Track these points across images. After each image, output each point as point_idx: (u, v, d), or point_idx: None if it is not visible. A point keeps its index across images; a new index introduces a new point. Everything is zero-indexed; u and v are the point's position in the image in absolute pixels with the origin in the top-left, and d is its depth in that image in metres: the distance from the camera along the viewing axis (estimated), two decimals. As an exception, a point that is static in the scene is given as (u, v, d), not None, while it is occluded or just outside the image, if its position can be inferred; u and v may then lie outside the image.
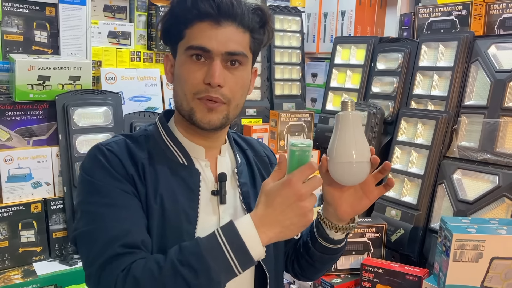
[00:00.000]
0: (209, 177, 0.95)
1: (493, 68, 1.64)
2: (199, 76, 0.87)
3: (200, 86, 0.87)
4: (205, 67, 0.87)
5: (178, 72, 0.90)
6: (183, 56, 0.89)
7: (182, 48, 0.89)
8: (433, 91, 1.84)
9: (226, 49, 0.87)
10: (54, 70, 1.76)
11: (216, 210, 0.93)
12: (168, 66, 0.95)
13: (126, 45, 2.11)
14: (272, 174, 0.81)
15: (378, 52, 2.11)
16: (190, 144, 0.95)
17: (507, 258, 1.22)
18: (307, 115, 2.27)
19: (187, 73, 0.87)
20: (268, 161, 1.10)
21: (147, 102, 2.05)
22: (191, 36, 0.87)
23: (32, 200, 1.71)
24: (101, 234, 0.81)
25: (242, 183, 0.99)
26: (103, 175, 0.86)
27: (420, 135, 1.81)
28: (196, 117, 0.88)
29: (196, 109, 0.88)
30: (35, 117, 1.78)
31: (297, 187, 0.77)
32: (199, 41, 0.86)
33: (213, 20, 0.86)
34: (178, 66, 0.90)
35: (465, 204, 1.57)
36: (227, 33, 0.87)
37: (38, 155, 1.74)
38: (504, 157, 1.55)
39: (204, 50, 0.86)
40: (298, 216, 0.77)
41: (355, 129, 0.87)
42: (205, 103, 0.87)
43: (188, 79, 0.87)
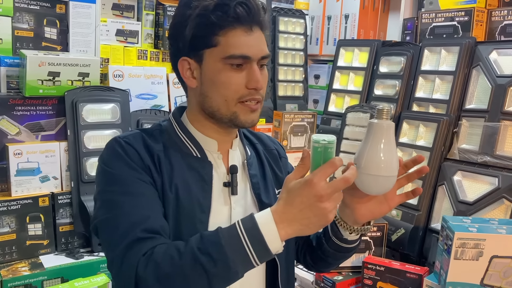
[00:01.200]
0: (221, 169, 0.99)
1: (494, 73, 1.68)
2: (241, 82, 0.90)
3: (243, 91, 0.91)
4: (243, 72, 0.90)
5: (214, 79, 0.91)
6: (219, 64, 0.90)
7: (217, 56, 0.90)
8: (435, 95, 1.88)
9: (262, 54, 0.92)
10: (64, 66, 1.79)
11: (227, 200, 0.97)
12: (185, 70, 0.95)
13: (133, 43, 2.14)
14: (295, 170, 0.82)
15: (381, 56, 2.15)
16: (203, 138, 0.98)
17: (507, 257, 1.26)
18: (310, 116, 2.30)
19: (229, 80, 0.90)
20: (277, 154, 1.13)
21: (154, 100, 2.08)
22: (227, 44, 0.89)
23: (40, 194, 1.74)
24: (121, 220, 0.84)
25: (252, 174, 1.02)
26: (121, 165, 0.89)
27: (421, 138, 1.85)
28: (240, 119, 0.92)
29: (239, 113, 0.92)
30: (44, 112, 1.80)
31: (318, 188, 0.77)
32: (239, 50, 0.89)
33: (245, 26, 0.89)
34: (213, 74, 0.91)
35: (465, 205, 1.61)
36: (259, 39, 0.92)
37: (47, 150, 1.76)
38: (504, 160, 1.59)
39: (246, 58, 0.89)
40: (317, 216, 0.78)
41: (387, 141, 0.85)
42: (248, 106, 0.92)
43: (231, 86, 0.90)
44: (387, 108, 0.85)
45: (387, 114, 0.85)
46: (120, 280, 0.84)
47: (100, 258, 1.73)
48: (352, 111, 2.10)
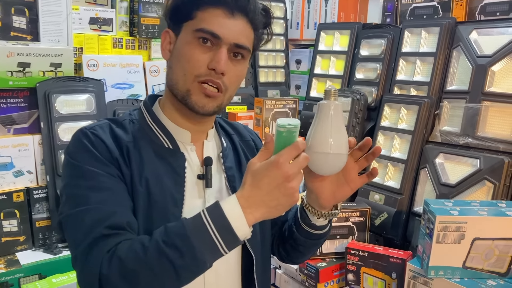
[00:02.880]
0: (194, 161, 0.95)
1: (475, 54, 1.66)
2: (204, 59, 0.87)
3: (203, 70, 0.87)
4: (210, 52, 0.87)
5: (181, 51, 0.89)
6: (189, 36, 0.88)
7: (190, 28, 0.88)
8: (416, 77, 1.86)
9: (236, 41, 0.87)
10: (34, 56, 1.72)
11: (201, 193, 0.94)
12: (165, 41, 0.93)
13: (108, 31, 2.07)
14: (259, 154, 0.80)
15: (362, 39, 2.12)
16: (176, 128, 0.95)
17: (488, 238, 1.25)
18: (292, 102, 2.27)
19: (191, 54, 0.87)
20: (254, 146, 1.11)
21: (130, 89, 2.03)
22: (202, 19, 0.87)
23: (14, 189, 1.69)
24: (86, 217, 0.81)
25: (228, 167, 0.99)
26: (88, 158, 0.86)
27: (403, 121, 1.83)
28: (192, 99, 0.88)
29: (192, 91, 0.88)
30: (15, 104, 1.75)
31: (285, 168, 0.76)
32: (211, 26, 0.86)
33: (227, 9, 0.87)
34: (181, 45, 0.89)
35: (447, 187, 1.59)
36: (238, 26, 0.88)
37: (20, 144, 1.71)
38: (485, 141, 1.57)
39: (215, 36, 0.86)
40: (285, 196, 0.77)
41: (334, 120, 0.85)
42: (204, 89, 0.88)
43: (192, 60, 0.87)
44: (334, 89, 0.86)
45: (334, 95, 0.86)
46: (83, 279, 0.80)
47: (79, 252, 1.69)
48: (334, 95, 2.06)
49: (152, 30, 2.14)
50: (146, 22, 2.12)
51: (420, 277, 1.33)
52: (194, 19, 0.87)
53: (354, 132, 1.95)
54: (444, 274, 1.28)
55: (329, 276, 1.57)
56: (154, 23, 2.14)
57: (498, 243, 1.25)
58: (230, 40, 0.87)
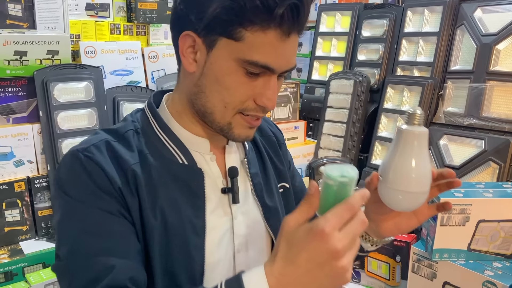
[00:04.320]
0: (215, 172, 0.82)
1: (479, 32, 1.63)
2: (250, 92, 0.73)
3: (249, 104, 0.74)
4: (257, 82, 0.73)
5: (220, 78, 0.72)
6: (232, 64, 0.71)
7: (234, 53, 0.70)
8: (419, 57, 1.82)
9: (289, 67, 0.74)
10: (31, 44, 1.70)
11: (227, 210, 0.81)
12: (187, 48, 0.75)
13: (105, 17, 2.04)
14: (298, 211, 0.62)
15: (363, 19, 2.08)
16: (190, 137, 0.80)
17: (493, 220, 1.23)
18: (293, 85, 2.24)
19: (237, 86, 0.72)
20: (276, 141, 0.98)
21: (129, 76, 2.00)
22: (252, 45, 0.69)
23: (15, 178, 1.67)
24: (81, 272, 0.68)
25: (253, 173, 0.86)
26: (82, 192, 0.71)
27: (406, 102, 1.80)
28: (234, 132, 0.76)
29: (235, 125, 0.76)
30: (13, 94, 1.73)
31: (332, 241, 0.57)
32: (265, 59, 0.70)
33: (284, 30, 0.70)
34: (220, 72, 0.72)
35: (451, 169, 1.57)
36: (292, 47, 0.73)
37: (19, 133, 1.70)
38: (490, 121, 1.55)
39: (268, 69, 0.72)
40: (331, 277, 0.58)
41: (419, 151, 0.71)
42: (248, 121, 0.76)
43: (236, 94, 0.73)
44: (419, 112, 0.71)
45: (419, 119, 0.71)
46: None
47: (83, 241, 1.69)
48: (336, 78, 2.04)
49: (150, 15, 2.10)
50: (144, 7, 2.08)
51: (424, 260, 1.32)
52: (240, 41, 0.69)
53: (357, 115, 1.92)
54: (449, 257, 1.26)
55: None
56: (152, 7, 2.10)
57: (504, 225, 1.24)
58: (283, 69, 0.73)
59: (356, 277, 1.54)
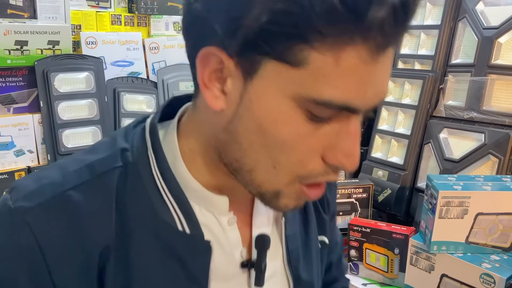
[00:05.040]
0: (233, 241, 0.56)
1: (481, 25, 1.62)
2: (317, 146, 0.46)
3: (316, 166, 0.47)
4: (326, 129, 0.46)
5: (267, 126, 0.45)
6: (288, 103, 0.44)
7: (293, 87, 0.43)
8: (420, 51, 1.82)
9: (379, 101, 0.46)
10: (31, 34, 1.70)
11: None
12: (208, 74, 0.47)
13: (106, 8, 2.04)
14: None
15: (365, 12, 2.07)
16: (202, 192, 0.54)
17: (492, 213, 1.24)
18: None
19: (294, 139, 0.45)
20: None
21: (130, 67, 2.00)
22: (325, 75, 0.42)
23: (16, 168, 1.68)
24: None
25: (290, 236, 0.61)
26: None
27: (407, 96, 1.80)
28: (280, 202, 0.50)
29: (286, 194, 0.49)
30: (14, 83, 1.73)
31: None
32: (344, 94, 0.43)
33: (378, 44, 0.43)
34: (269, 113, 0.45)
35: (451, 162, 1.57)
36: (386, 66, 0.45)
37: (20, 123, 1.70)
38: (490, 115, 1.55)
39: (349, 110, 0.45)
40: None
41: None
42: (306, 192, 0.49)
43: (294, 151, 0.46)
44: None
45: None
46: None
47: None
48: (337, 71, 2.03)
49: (151, 6, 2.10)
50: (145, -2, 2.08)
51: (422, 253, 1.32)
52: (301, 67, 0.42)
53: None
54: (447, 249, 1.27)
55: (332, 252, 1.57)
56: (153, -2, 2.10)
57: (502, 218, 1.24)
58: (372, 104, 0.46)
59: (354, 269, 1.54)
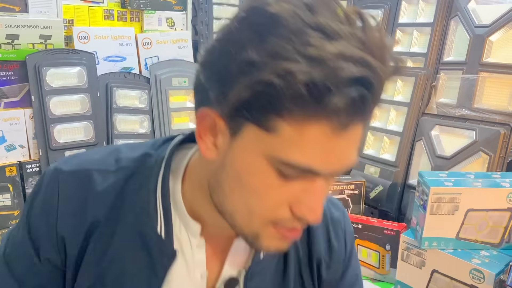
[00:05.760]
0: (198, 261, 0.64)
1: (473, 23, 1.63)
2: (285, 198, 0.53)
3: (283, 214, 0.54)
4: (295, 185, 0.53)
5: (243, 176, 0.54)
6: (261, 160, 0.52)
7: (266, 148, 0.51)
8: (413, 48, 1.83)
9: (343, 168, 0.53)
10: (23, 28, 1.68)
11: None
12: (205, 129, 0.56)
13: (98, 2, 2.02)
14: None
15: (358, 9, 2.07)
16: (183, 215, 0.64)
17: (482, 210, 1.25)
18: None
19: (266, 190, 0.53)
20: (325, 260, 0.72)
21: (122, 62, 1.99)
22: (292, 143, 0.49)
23: (7, 163, 1.67)
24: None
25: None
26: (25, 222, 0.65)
27: (399, 93, 1.81)
28: (262, 244, 0.58)
29: (264, 236, 0.57)
30: (5, 78, 1.71)
31: None
32: (308, 160, 0.50)
33: (342, 122, 0.48)
34: (246, 167, 0.54)
35: (442, 159, 1.59)
36: (351, 141, 0.51)
37: (11, 117, 1.69)
38: (481, 112, 1.56)
39: (312, 173, 0.52)
40: None
41: None
42: (282, 232, 0.57)
43: (266, 200, 0.54)
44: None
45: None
46: None
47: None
48: (329, 68, 2.04)
49: (144, 2, 2.09)
50: (138, -7, 2.07)
51: (413, 249, 1.33)
52: (273, 133, 0.49)
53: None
54: (438, 245, 1.28)
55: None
56: (146, -6, 2.09)
57: (492, 214, 1.25)
58: (334, 170, 0.53)
59: (346, 265, 1.55)
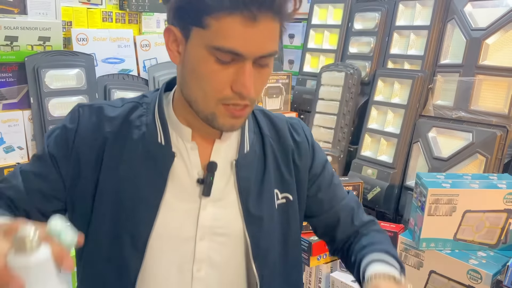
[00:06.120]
0: (193, 162, 0.83)
1: (469, 26, 1.65)
2: (226, 80, 0.73)
3: (227, 93, 0.73)
4: (231, 69, 0.72)
5: (196, 67, 0.74)
6: (203, 51, 0.72)
7: (203, 41, 0.71)
8: (410, 51, 1.84)
9: (261, 53, 0.72)
10: (22, 30, 1.69)
11: (196, 199, 0.83)
12: (170, 41, 0.77)
13: (97, 4, 2.03)
14: None
15: (355, 12, 2.09)
16: (176, 123, 0.83)
17: (479, 211, 1.26)
18: (285, 77, 2.25)
19: (210, 74, 0.73)
20: (295, 153, 0.91)
21: (121, 64, 1.99)
22: (218, 31, 0.69)
23: (5, 164, 1.67)
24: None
25: (243, 177, 0.85)
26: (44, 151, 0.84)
27: (396, 95, 1.82)
28: (218, 122, 0.76)
29: (218, 114, 0.76)
30: (4, 79, 1.71)
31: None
32: (230, 43, 0.69)
33: (249, 14, 0.68)
34: (195, 60, 0.74)
35: (440, 161, 1.60)
36: (263, 31, 0.70)
37: (9, 119, 1.69)
38: (478, 114, 1.57)
39: (237, 55, 0.70)
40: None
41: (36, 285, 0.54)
42: (231, 111, 0.75)
43: (212, 82, 0.73)
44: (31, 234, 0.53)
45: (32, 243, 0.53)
46: None
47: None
48: (327, 70, 2.05)
49: (143, 4, 2.09)
50: (136, -5, 2.07)
51: (411, 249, 1.34)
52: (207, 29, 0.70)
53: (347, 107, 1.94)
54: (435, 246, 1.29)
55: (322, 249, 1.59)
56: (145, -4, 2.09)
57: (489, 215, 1.26)
58: (255, 54, 0.71)
59: (344, 266, 1.56)
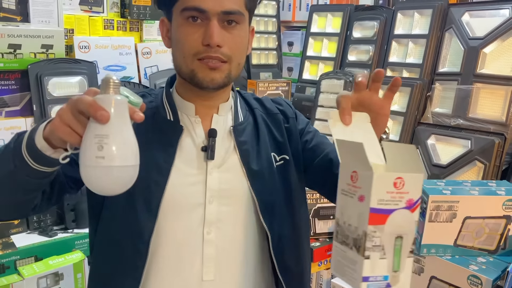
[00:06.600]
0: (198, 133, 0.95)
1: (467, 36, 1.68)
2: (197, 37, 0.86)
3: (199, 47, 0.86)
4: (202, 29, 0.86)
5: (175, 35, 0.89)
6: (179, 19, 0.88)
7: (178, 10, 0.88)
8: (408, 59, 1.87)
9: (222, 8, 0.85)
10: (25, 38, 1.70)
11: (203, 165, 0.92)
12: (164, 31, 0.94)
13: (98, 12, 2.05)
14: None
15: (354, 21, 2.12)
16: (181, 101, 0.96)
17: (479, 217, 1.28)
18: (285, 84, 2.28)
19: (185, 35, 0.87)
20: (281, 118, 1.03)
21: (122, 72, 2.01)
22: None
23: (8, 172, 1.67)
24: None
25: (241, 141, 0.96)
26: None
27: (395, 102, 1.84)
28: (198, 77, 0.88)
29: (197, 70, 0.88)
30: (7, 87, 1.72)
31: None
32: (193, 2, 0.85)
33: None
34: (175, 30, 0.89)
35: (439, 168, 1.62)
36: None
37: (12, 126, 1.69)
38: (476, 122, 1.60)
39: (200, 11, 0.85)
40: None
41: (119, 120, 0.65)
42: (206, 63, 0.87)
43: (186, 41, 0.87)
44: (114, 79, 0.66)
45: (115, 87, 0.66)
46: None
47: (75, 235, 1.70)
48: (326, 78, 2.08)
49: (144, 12, 2.11)
50: (138, 3, 2.09)
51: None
52: (179, 0, 0.87)
53: (346, 114, 1.96)
54: (436, 252, 1.31)
55: (323, 255, 1.60)
56: (146, 4, 2.11)
57: (488, 222, 1.28)
58: (216, 9, 0.85)
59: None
